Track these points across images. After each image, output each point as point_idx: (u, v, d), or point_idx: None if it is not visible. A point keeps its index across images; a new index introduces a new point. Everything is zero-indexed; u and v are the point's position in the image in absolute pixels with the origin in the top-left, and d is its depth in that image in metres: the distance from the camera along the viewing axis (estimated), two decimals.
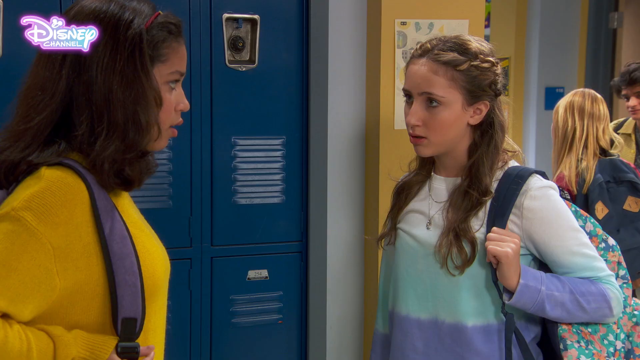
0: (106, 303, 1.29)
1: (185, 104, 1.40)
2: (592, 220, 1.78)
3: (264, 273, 2.66)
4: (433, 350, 1.70)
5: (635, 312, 1.72)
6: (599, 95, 2.98)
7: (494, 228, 1.62)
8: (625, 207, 2.82)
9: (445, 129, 1.65)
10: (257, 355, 2.66)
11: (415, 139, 1.68)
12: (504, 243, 1.58)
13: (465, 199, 1.67)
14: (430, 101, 1.64)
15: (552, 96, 5.48)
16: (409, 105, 1.69)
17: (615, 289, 1.66)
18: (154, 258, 1.36)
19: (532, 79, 5.71)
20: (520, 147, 6.22)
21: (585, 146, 2.89)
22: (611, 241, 1.77)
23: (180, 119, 1.41)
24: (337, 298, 2.77)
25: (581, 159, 2.88)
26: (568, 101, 2.98)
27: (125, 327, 1.29)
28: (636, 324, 1.71)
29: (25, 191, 1.24)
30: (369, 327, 2.75)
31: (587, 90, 3.02)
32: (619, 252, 1.78)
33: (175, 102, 1.38)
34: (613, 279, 1.68)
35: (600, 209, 2.77)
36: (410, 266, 1.74)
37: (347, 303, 2.80)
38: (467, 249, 1.64)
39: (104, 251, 1.27)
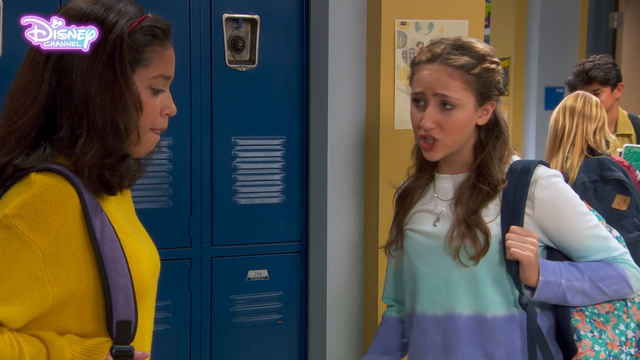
0: (98, 309, 1.28)
1: (171, 109, 1.38)
2: (595, 212, 1.79)
3: (264, 273, 2.66)
4: (451, 344, 1.70)
5: None
6: (594, 98, 3.00)
7: (513, 227, 1.64)
8: (614, 205, 2.83)
9: (459, 131, 1.68)
10: (257, 355, 2.66)
11: (427, 142, 1.69)
12: (524, 245, 1.61)
13: (474, 192, 1.69)
14: (444, 104, 1.66)
15: (552, 96, 5.48)
16: (419, 109, 1.70)
17: (632, 267, 1.70)
18: (142, 262, 1.35)
19: (532, 79, 5.72)
20: (521, 146, 6.22)
21: (573, 144, 2.92)
22: (615, 233, 1.79)
23: (166, 124, 1.39)
24: (337, 298, 2.77)
25: (567, 157, 2.91)
26: (562, 103, 3.04)
27: (120, 330, 1.28)
28: None
29: (16, 198, 1.23)
30: (369, 327, 2.75)
31: (582, 92, 3.05)
32: (624, 243, 1.80)
33: (161, 106, 1.36)
34: (628, 256, 1.72)
35: None
36: (422, 263, 1.74)
37: (347, 303, 2.80)
38: (481, 238, 1.65)
39: (97, 254, 1.26)
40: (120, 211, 1.39)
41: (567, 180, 2.85)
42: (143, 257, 1.36)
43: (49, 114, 1.28)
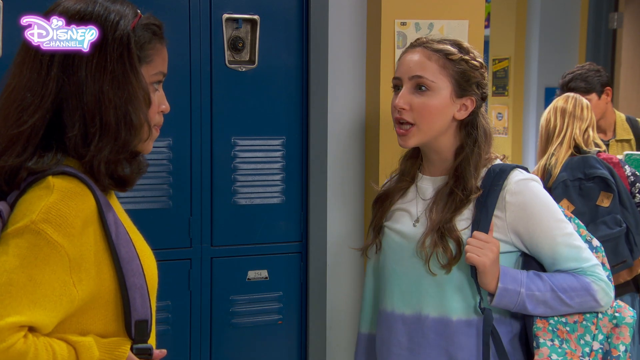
0: (117, 309, 1.30)
1: (166, 106, 1.41)
2: (577, 221, 1.79)
3: (264, 273, 2.66)
4: (417, 345, 1.72)
5: (616, 314, 1.72)
6: (584, 100, 3.08)
7: (475, 233, 1.64)
8: (598, 202, 2.86)
9: (433, 116, 1.68)
10: (257, 355, 2.66)
11: (401, 128, 1.71)
12: (481, 250, 1.60)
13: (450, 198, 1.69)
14: (420, 87, 1.67)
15: (552, 96, 5.45)
16: (397, 94, 1.73)
17: (600, 280, 1.67)
18: (151, 260, 1.38)
19: (532, 79, 5.71)
20: (520, 147, 6.18)
21: (561, 143, 2.97)
22: (595, 242, 1.78)
23: (162, 121, 1.42)
24: (337, 298, 2.77)
25: (552, 154, 2.95)
26: (553, 104, 3.13)
27: (138, 330, 1.30)
28: (616, 325, 1.71)
29: (39, 202, 1.23)
30: None
31: (572, 94, 3.13)
32: (603, 253, 1.78)
33: (158, 103, 1.39)
34: (598, 269, 1.69)
35: (566, 207, 2.80)
36: (396, 262, 1.76)
37: (347, 303, 2.79)
38: (453, 248, 1.66)
39: (114, 256, 1.27)
40: (123, 211, 1.42)
41: (549, 176, 2.89)
42: (150, 257, 1.39)
43: (56, 113, 1.29)
